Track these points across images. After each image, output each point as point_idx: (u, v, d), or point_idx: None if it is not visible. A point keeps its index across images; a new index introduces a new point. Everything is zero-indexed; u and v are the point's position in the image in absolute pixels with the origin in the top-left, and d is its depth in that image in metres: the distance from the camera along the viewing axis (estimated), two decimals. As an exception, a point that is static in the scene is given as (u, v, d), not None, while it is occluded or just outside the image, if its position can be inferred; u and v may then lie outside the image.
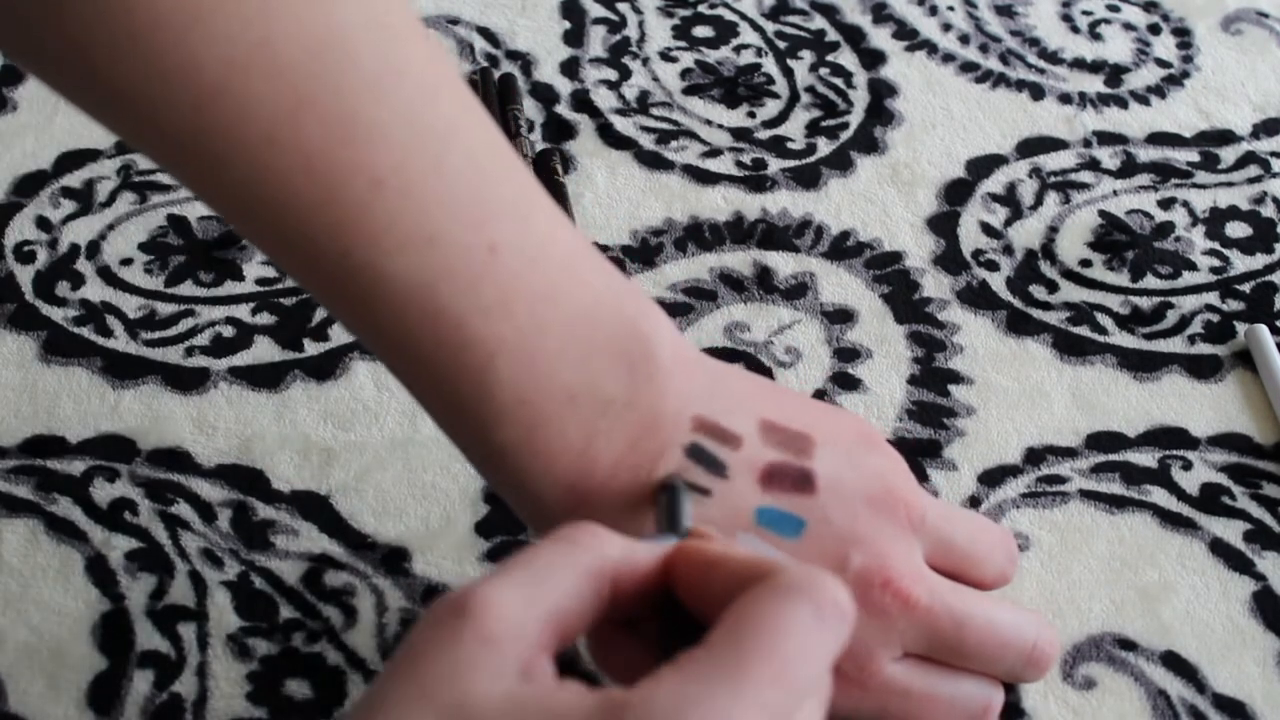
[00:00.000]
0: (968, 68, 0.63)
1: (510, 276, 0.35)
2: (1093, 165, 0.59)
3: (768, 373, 0.50)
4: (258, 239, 0.36)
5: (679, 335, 0.39)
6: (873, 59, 0.63)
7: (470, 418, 0.36)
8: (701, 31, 0.64)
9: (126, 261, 0.53)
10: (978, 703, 0.39)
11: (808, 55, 0.64)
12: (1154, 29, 0.66)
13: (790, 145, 0.59)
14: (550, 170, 0.56)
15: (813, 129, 0.60)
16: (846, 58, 0.63)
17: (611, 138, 0.59)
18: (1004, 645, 0.38)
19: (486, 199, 0.35)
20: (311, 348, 0.50)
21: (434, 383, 0.36)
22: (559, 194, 0.56)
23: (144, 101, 0.32)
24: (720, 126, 0.60)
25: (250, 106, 0.32)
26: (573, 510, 0.36)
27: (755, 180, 0.57)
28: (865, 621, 0.36)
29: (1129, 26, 0.66)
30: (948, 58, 0.64)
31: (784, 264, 0.54)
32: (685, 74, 0.62)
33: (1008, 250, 0.55)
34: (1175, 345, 0.52)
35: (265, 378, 0.49)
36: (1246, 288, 0.54)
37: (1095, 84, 0.63)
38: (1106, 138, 0.60)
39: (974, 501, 0.47)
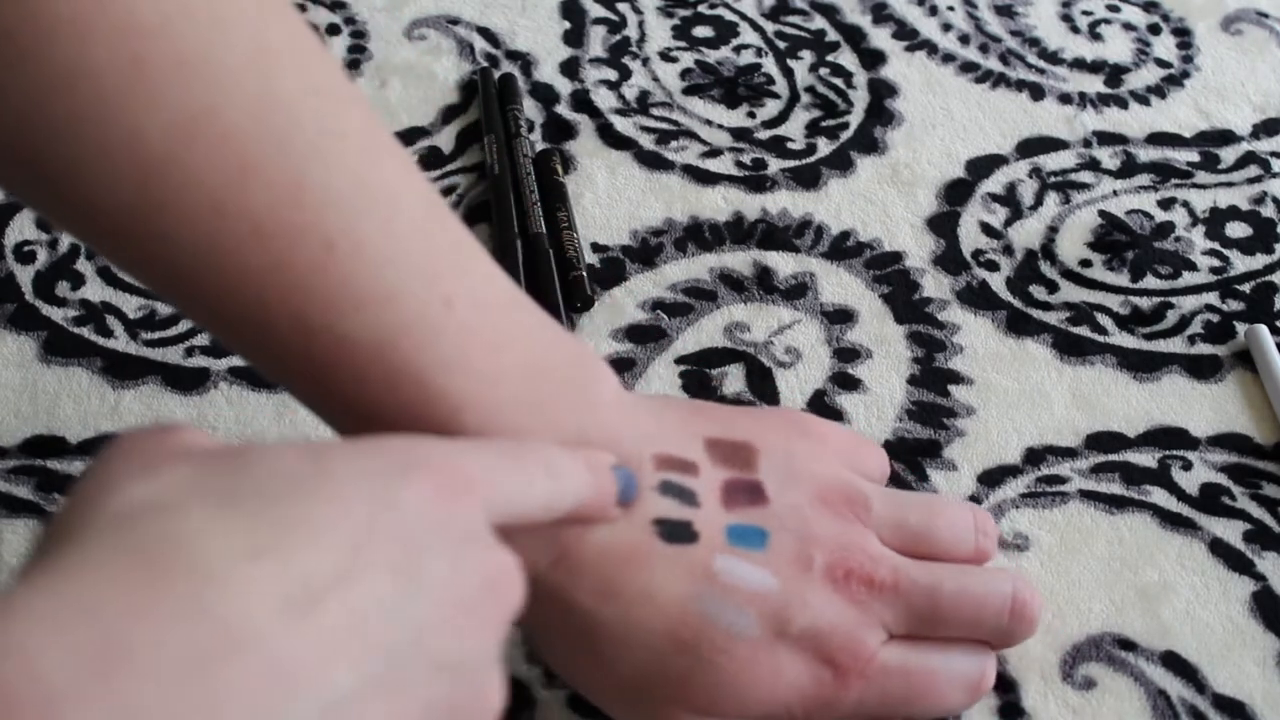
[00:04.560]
0: (968, 68, 0.63)
1: (466, 329, 0.35)
2: (1093, 165, 0.59)
3: (768, 373, 0.50)
4: (205, 314, 0.35)
5: (614, 374, 0.39)
6: (873, 59, 0.63)
7: None
8: (701, 31, 0.64)
9: (126, 261, 0.53)
10: (974, 671, 0.39)
11: (808, 55, 0.64)
12: (1154, 29, 0.66)
13: (790, 145, 0.59)
14: (550, 170, 0.56)
15: (813, 129, 0.60)
16: (846, 58, 0.64)
17: (611, 138, 0.59)
18: (981, 603, 0.39)
19: (436, 253, 0.35)
20: (311, 348, 0.50)
21: None
22: (559, 194, 0.56)
23: (86, 179, 0.32)
24: (720, 126, 0.60)
25: (197, 176, 0.32)
26: (553, 567, 0.37)
27: (755, 180, 0.57)
28: (845, 612, 0.38)
29: (1129, 26, 0.66)
30: (948, 58, 0.64)
31: (784, 264, 0.54)
32: (685, 74, 0.62)
33: (1008, 250, 0.55)
34: (1175, 345, 0.52)
35: (265, 378, 0.49)
36: (1246, 288, 0.54)
37: (1095, 84, 0.63)
38: (1106, 138, 0.60)
39: (974, 501, 0.47)
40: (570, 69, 0.62)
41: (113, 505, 0.25)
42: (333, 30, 0.63)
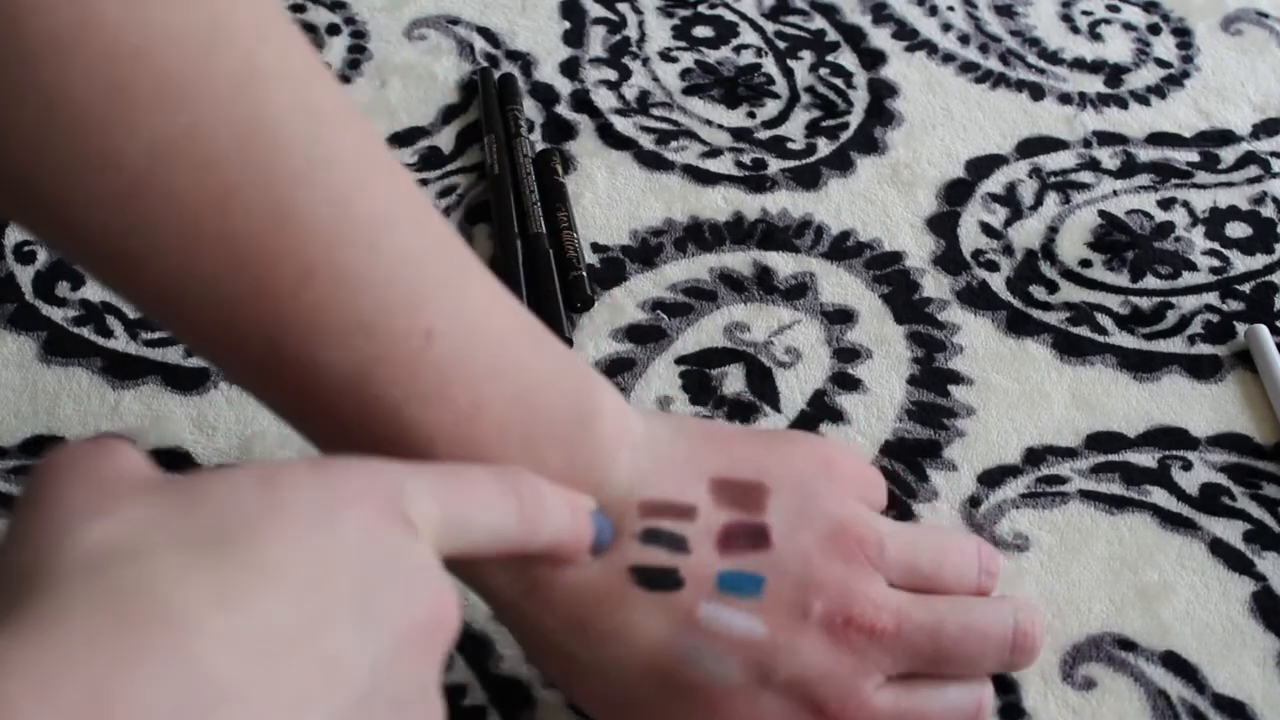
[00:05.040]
0: (968, 68, 0.63)
1: (448, 362, 0.34)
2: (1093, 165, 0.59)
3: (768, 373, 0.50)
4: (186, 332, 0.35)
5: (621, 405, 0.38)
6: (873, 59, 0.63)
7: None
8: (701, 31, 0.64)
9: (126, 261, 0.53)
10: (969, 704, 0.39)
11: (808, 55, 0.64)
12: (1154, 29, 0.66)
13: (790, 145, 0.59)
14: (550, 170, 0.56)
15: (813, 129, 0.60)
16: (846, 58, 0.63)
17: (611, 138, 0.59)
18: (983, 640, 0.38)
19: (422, 282, 0.34)
20: (311, 348, 0.50)
21: None
22: (559, 194, 0.56)
23: (65, 198, 0.31)
24: (720, 126, 0.60)
25: (175, 198, 0.31)
26: (525, 597, 0.36)
27: (755, 180, 0.57)
28: (839, 659, 0.37)
29: (1129, 26, 0.66)
30: (948, 58, 0.64)
31: (784, 264, 0.54)
32: (685, 74, 0.62)
33: (1008, 250, 0.55)
34: (1175, 345, 0.52)
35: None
36: (1246, 288, 0.54)
37: (1095, 84, 0.63)
38: (1106, 138, 0.60)
39: (974, 502, 0.47)
40: (570, 69, 0.62)
41: (75, 547, 0.25)
42: (332, 30, 0.63)
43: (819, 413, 0.49)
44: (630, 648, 0.36)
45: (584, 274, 0.52)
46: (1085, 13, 0.66)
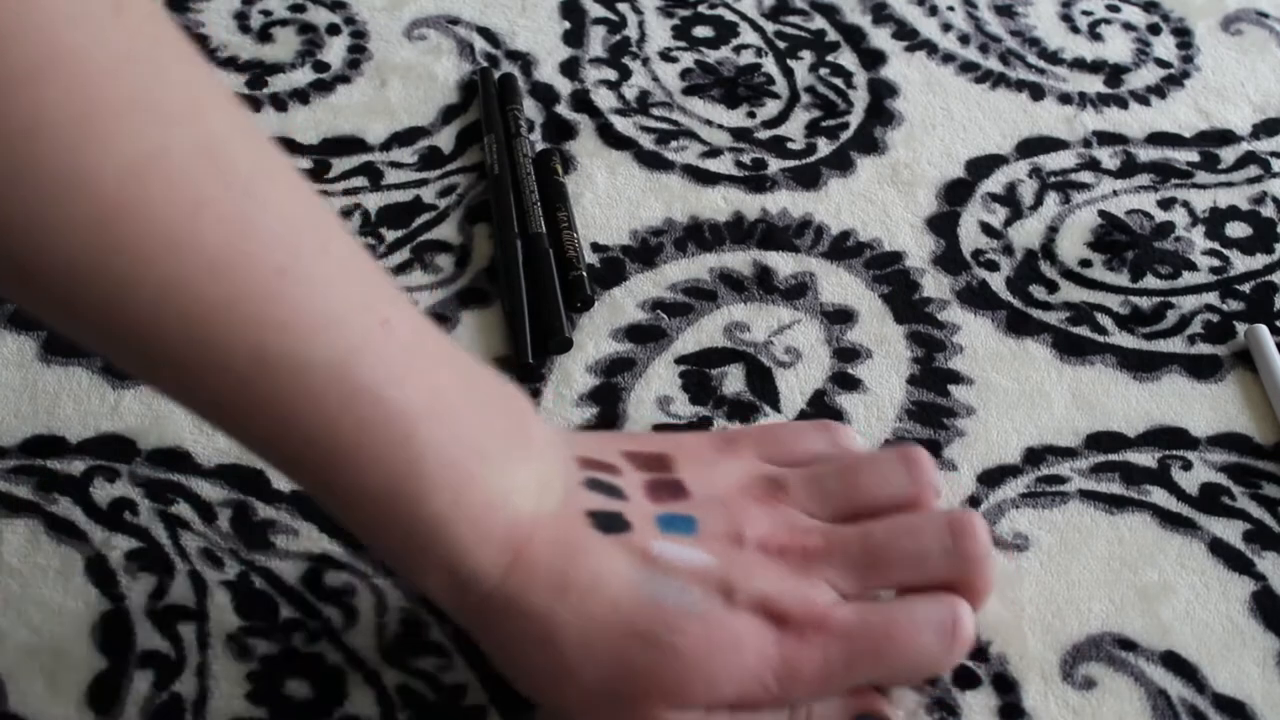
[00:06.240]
0: (968, 68, 0.63)
1: (407, 347, 0.37)
2: (1093, 165, 0.59)
3: (768, 373, 0.50)
4: (165, 362, 0.35)
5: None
6: (873, 59, 0.63)
7: (400, 499, 0.36)
8: (701, 31, 0.64)
9: (126, 261, 0.53)
10: (942, 617, 0.40)
11: (808, 55, 0.64)
12: (1154, 29, 0.66)
13: (790, 145, 0.59)
14: (550, 170, 0.57)
15: (813, 129, 0.60)
16: (846, 58, 0.64)
17: (611, 138, 0.59)
18: (915, 535, 0.41)
19: (368, 278, 0.37)
20: (311, 348, 0.50)
21: (360, 470, 0.36)
22: (559, 194, 0.56)
23: (47, 225, 0.32)
24: (720, 126, 0.60)
25: (152, 215, 0.32)
26: (508, 573, 0.37)
27: (755, 180, 0.57)
28: (787, 576, 0.40)
29: (1129, 26, 0.66)
30: (948, 58, 0.64)
31: (784, 264, 0.54)
32: (685, 74, 0.62)
33: (1008, 250, 0.55)
34: (1175, 345, 0.52)
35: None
36: (1246, 288, 0.54)
37: (1095, 84, 0.63)
38: (1106, 138, 0.60)
39: (974, 501, 0.47)
40: (570, 69, 0.62)
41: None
42: (333, 30, 0.63)
43: (819, 412, 0.49)
44: (608, 601, 0.38)
45: (584, 274, 0.53)
46: (1085, 13, 0.66)
